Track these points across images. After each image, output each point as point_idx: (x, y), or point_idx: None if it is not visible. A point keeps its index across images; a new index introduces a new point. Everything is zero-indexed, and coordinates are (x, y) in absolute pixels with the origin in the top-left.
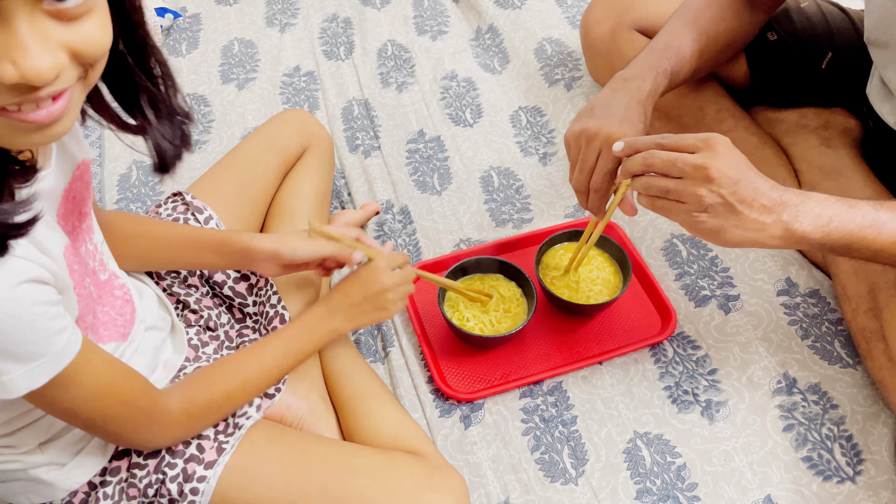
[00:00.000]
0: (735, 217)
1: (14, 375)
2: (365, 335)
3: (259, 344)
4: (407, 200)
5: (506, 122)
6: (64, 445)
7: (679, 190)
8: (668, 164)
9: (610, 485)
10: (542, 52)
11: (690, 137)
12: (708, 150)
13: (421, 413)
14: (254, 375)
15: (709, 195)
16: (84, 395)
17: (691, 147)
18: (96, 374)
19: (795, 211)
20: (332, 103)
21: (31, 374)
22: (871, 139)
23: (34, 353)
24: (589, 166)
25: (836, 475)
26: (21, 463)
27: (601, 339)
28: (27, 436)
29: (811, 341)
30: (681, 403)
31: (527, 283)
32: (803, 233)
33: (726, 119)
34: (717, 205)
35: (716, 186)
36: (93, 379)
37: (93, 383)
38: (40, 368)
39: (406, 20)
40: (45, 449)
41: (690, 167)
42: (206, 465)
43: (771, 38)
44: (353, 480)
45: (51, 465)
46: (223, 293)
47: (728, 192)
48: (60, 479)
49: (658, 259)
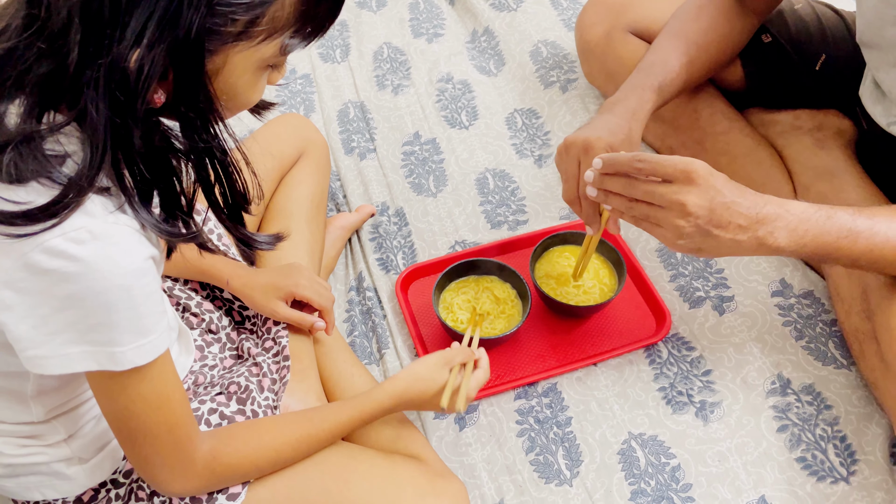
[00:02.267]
0: (712, 239)
1: (126, 349)
2: (360, 337)
3: (300, 415)
4: (402, 202)
5: (501, 125)
6: (90, 440)
7: (658, 217)
8: (648, 194)
9: (604, 486)
10: (538, 54)
11: (669, 165)
12: (685, 183)
13: (416, 415)
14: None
15: (686, 225)
16: (147, 395)
17: (670, 176)
18: (164, 377)
19: (772, 227)
20: (327, 106)
21: (140, 350)
22: (864, 140)
23: (147, 328)
24: (573, 175)
25: (829, 476)
26: (45, 455)
27: (596, 340)
28: (58, 425)
29: (805, 342)
30: (675, 404)
31: (522, 284)
32: (778, 246)
33: (720, 121)
34: (694, 232)
35: (693, 218)
36: (161, 380)
37: (159, 386)
38: (150, 346)
39: (402, 23)
40: (71, 442)
41: (668, 201)
42: None
43: (766, 39)
44: (355, 484)
45: (73, 459)
46: (223, 296)
47: (704, 222)
48: (82, 474)
49: (653, 260)
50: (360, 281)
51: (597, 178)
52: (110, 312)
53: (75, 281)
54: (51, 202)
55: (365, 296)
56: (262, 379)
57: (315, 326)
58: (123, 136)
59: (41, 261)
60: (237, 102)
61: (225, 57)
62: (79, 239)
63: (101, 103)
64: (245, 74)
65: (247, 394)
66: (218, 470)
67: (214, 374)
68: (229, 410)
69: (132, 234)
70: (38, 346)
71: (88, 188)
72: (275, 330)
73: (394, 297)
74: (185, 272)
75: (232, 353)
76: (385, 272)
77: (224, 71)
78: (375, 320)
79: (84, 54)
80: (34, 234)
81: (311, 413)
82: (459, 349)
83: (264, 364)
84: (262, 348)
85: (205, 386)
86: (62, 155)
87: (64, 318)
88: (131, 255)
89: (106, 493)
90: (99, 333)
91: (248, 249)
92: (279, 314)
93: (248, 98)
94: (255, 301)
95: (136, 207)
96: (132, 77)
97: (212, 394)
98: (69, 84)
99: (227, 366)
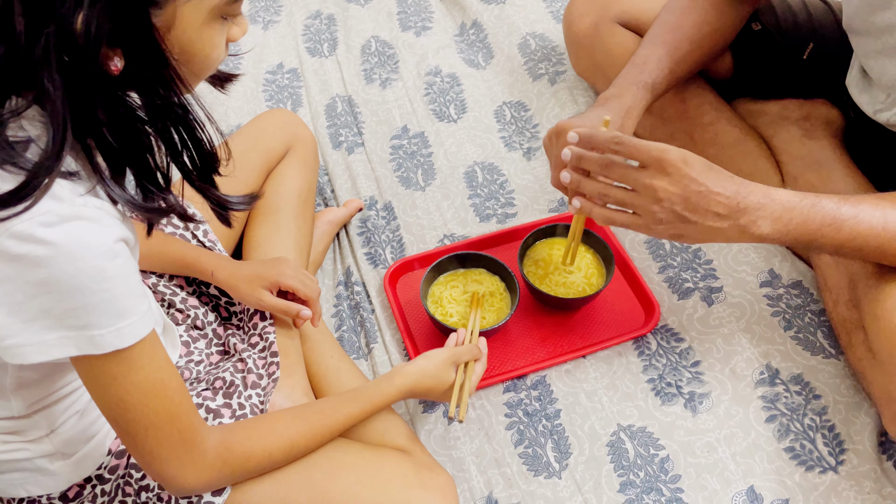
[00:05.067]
0: (691, 225)
1: (105, 331)
2: (348, 332)
3: (310, 406)
4: (391, 196)
5: (490, 118)
6: (73, 435)
7: (635, 203)
8: (623, 177)
9: (593, 478)
10: (526, 46)
11: (645, 150)
12: (656, 170)
13: (405, 409)
14: (301, 438)
15: (661, 211)
16: (140, 384)
17: (645, 161)
18: (155, 363)
19: (754, 216)
20: (315, 100)
21: (120, 333)
22: (851, 130)
23: (126, 310)
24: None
25: (818, 465)
26: (27, 451)
27: (585, 332)
28: (40, 420)
29: (794, 332)
30: (664, 396)
31: (510, 277)
32: (761, 234)
33: (708, 112)
34: (670, 217)
35: (667, 203)
36: (153, 367)
37: (151, 373)
38: (130, 328)
39: (390, 16)
40: (53, 437)
41: (641, 186)
42: None
43: (755, 28)
44: (342, 477)
45: (56, 454)
46: (209, 292)
47: (679, 208)
48: (65, 470)
49: (641, 252)
50: (348, 275)
51: (574, 157)
52: (85, 295)
53: (46, 265)
54: (18, 187)
55: (353, 290)
56: (246, 375)
57: (301, 315)
58: (85, 109)
59: (10, 246)
60: (198, 62)
61: (173, 9)
62: (47, 222)
63: (55, 75)
64: (198, 28)
65: (233, 388)
66: (231, 460)
67: (200, 370)
68: (215, 404)
69: (103, 216)
70: (15, 334)
71: (55, 168)
72: (261, 326)
73: (382, 292)
74: (170, 267)
75: (219, 349)
76: (373, 266)
77: (176, 26)
78: (364, 315)
79: (30, 25)
80: (2, 220)
81: (321, 404)
82: (467, 348)
83: (249, 360)
84: (249, 344)
85: (191, 381)
86: (25, 140)
87: (39, 303)
88: (102, 236)
89: (91, 490)
90: (76, 318)
91: (223, 212)
92: (264, 303)
93: (208, 55)
94: (240, 291)
95: (109, 185)
96: (81, 40)
97: (198, 389)
98: (23, 63)
99: (213, 361)
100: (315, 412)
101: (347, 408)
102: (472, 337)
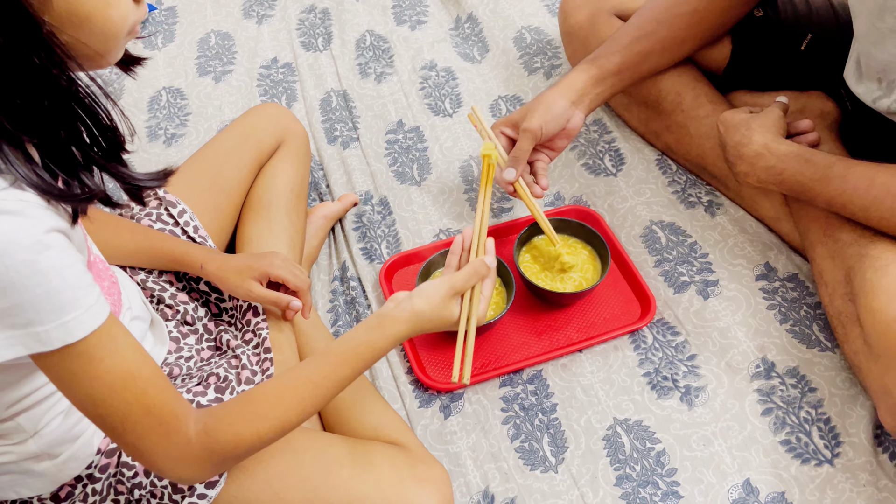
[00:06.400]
0: None
1: (49, 327)
2: (344, 327)
3: (297, 376)
4: (386, 191)
5: (485, 112)
6: (58, 436)
7: None
8: None
9: (590, 472)
10: (522, 40)
11: None
12: None
13: (401, 404)
14: (292, 415)
15: None
16: (104, 377)
17: None
18: (119, 353)
19: (748, 166)
20: (310, 95)
21: (65, 327)
22: (848, 122)
23: (69, 302)
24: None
25: (814, 458)
26: (13, 454)
27: (581, 326)
28: (22, 422)
29: (790, 325)
30: (660, 389)
31: (506, 271)
32: (758, 180)
33: (704, 104)
34: None
35: None
36: (115, 359)
37: (114, 365)
38: (76, 322)
39: (384, 10)
40: (38, 439)
41: None
42: None
43: (758, 14)
44: (336, 471)
45: (42, 455)
46: (199, 288)
47: None
48: (53, 470)
49: (637, 246)
50: (343, 271)
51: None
52: (19, 292)
53: None
54: None
55: (349, 285)
56: (241, 371)
57: (291, 306)
58: None
59: None
60: (97, 23)
61: None
62: None
63: None
64: None
65: (226, 384)
66: (218, 450)
67: (191, 366)
68: (206, 399)
69: (27, 208)
70: None
71: None
72: (254, 322)
73: (378, 287)
74: (158, 262)
75: (210, 345)
76: (369, 261)
77: None
78: (359, 310)
79: None
80: None
81: (308, 371)
82: (469, 271)
83: (244, 356)
84: (242, 340)
85: (182, 378)
86: None
87: None
88: (27, 228)
89: (83, 489)
90: (15, 316)
91: (135, 191)
92: (253, 294)
93: (105, 14)
94: (230, 283)
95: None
96: None
97: (189, 385)
98: None
99: (204, 357)
100: (303, 383)
101: (339, 372)
102: (478, 242)
